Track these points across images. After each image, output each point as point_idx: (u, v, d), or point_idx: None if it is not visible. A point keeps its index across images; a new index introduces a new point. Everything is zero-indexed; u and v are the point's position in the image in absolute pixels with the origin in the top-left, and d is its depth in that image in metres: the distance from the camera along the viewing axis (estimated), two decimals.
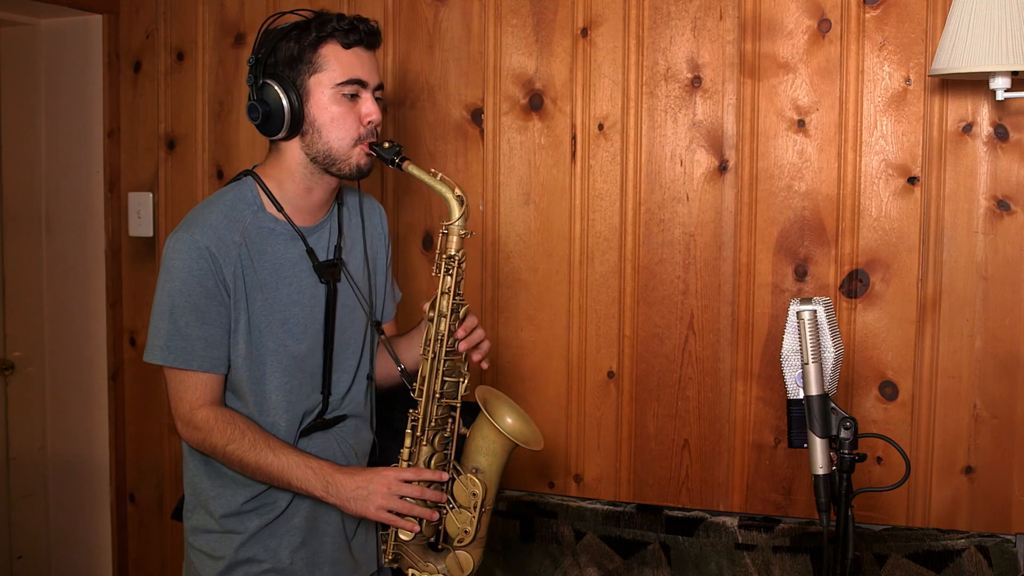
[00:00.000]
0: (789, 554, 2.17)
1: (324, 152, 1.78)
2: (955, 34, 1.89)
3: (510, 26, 2.46)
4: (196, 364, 1.74)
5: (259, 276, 1.77)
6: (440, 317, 1.81)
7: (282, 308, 1.80)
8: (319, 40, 1.75)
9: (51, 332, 3.00)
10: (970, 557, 2.06)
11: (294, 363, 1.82)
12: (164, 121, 2.85)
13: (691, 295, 2.34)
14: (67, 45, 2.91)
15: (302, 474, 1.75)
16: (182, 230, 1.76)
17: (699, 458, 2.36)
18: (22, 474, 3.05)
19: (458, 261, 1.82)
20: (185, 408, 1.76)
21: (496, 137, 2.48)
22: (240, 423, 1.76)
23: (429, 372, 1.82)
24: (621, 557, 2.30)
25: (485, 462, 1.82)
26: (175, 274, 1.73)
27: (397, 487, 1.76)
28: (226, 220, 1.76)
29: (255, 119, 1.77)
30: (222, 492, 1.82)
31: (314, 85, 1.76)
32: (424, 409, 1.82)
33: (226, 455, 1.76)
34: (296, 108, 1.76)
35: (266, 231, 1.80)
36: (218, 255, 1.72)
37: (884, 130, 2.19)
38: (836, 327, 1.59)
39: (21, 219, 3.02)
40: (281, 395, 1.81)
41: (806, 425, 1.57)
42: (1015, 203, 2.12)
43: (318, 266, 1.84)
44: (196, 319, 1.72)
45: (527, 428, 1.87)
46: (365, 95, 1.79)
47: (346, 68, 1.76)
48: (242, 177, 1.85)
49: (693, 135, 2.33)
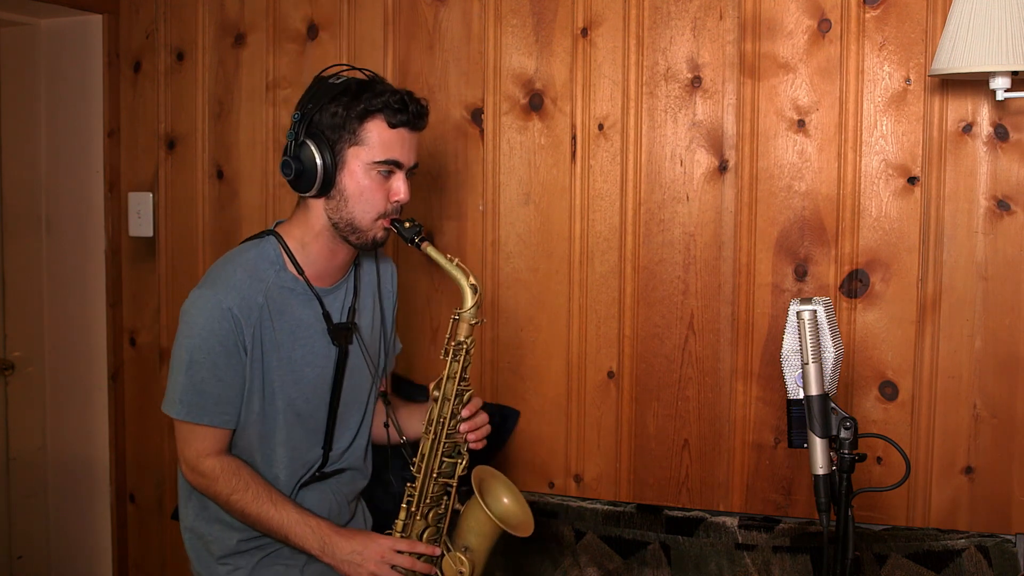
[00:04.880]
0: (789, 554, 2.17)
1: (347, 220, 1.80)
2: (955, 34, 1.89)
3: (510, 26, 2.46)
4: (208, 419, 1.77)
5: (277, 336, 1.80)
6: (444, 400, 1.85)
7: (296, 368, 1.83)
8: (366, 113, 1.75)
9: (51, 332, 3.00)
10: (970, 557, 2.06)
11: (299, 420, 1.86)
12: (164, 121, 2.85)
13: (691, 295, 2.34)
14: (67, 45, 2.91)
15: (301, 531, 1.80)
16: (206, 287, 1.78)
17: (699, 458, 2.36)
18: (22, 474, 3.05)
19: (467, 348, 1.84)
20: (192, 454, 1.80)
21: (496, 137, 2.48)
22: (245, 475, 1.80)
23: (429, 451, 1.86)
24: (621, 557, 2.30)
25: (476, 542, 1.88)
26: (196, 331, 1.75)
27: (390, 556, 1.81)
28: (250, 280, 1.78)
29: (287, 175, 1.78)
30: (219, 535, 1.87)
31: (351, 156, 1.76)
32: (421, 485, 1.87)
33: (229, 504, 1.80)
34: (329, 173, 1.76)
35: (286, 291, 1.82)
36: (241, 317, 1.74)
37: (884, 130, 2.19)
38: (836, 327, 1.59)
39: (21, 219, 3.02)
40: (286, 450, 1.85)
41: (806, 425, 1.57)
42: (1015, 203, 2.12)
43: (332, 329, 1.87)
44: (213, 376, 1.75)
45: (519, 511, 1.93)
46: (398, 174, 1.80)
47: (386, 148, 1.77)
48: (265, 235, 1.86)
49: (693, 135, 2.33)
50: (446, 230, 2.54)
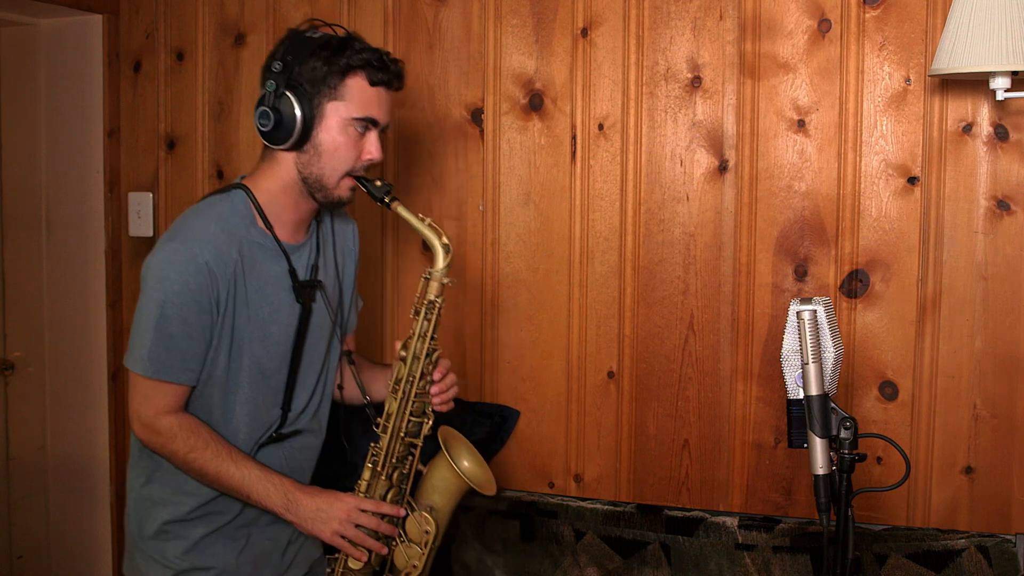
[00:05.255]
0: (789, 554, 2.17)
1: (316, 176, 1.78)
2: (955, 34, 1.89)
3: (510, 26, 2.46)
4: (173, 377, 1.73)
5: (247, 293, 1.77)
6: (414, 359, 1.84)
7: (264, 326, 1.80)
8: (348, 68, 1.75)
9: (51, 332, 3.00)
10: (970, 557, 2.06)
11: (262, 379, 1.82)
12: (164, 121, 2.85)
13: (691, 295, 2.34)
14: (67, 45, 2.90)
15: (263, 488, 1.76)
16: (177, 241, 1.73)
17: (699, 458, 2.36)
18: (22, 474, 3.04)
19: (437, 307, 1.84)
20: (149, 412, 1.75)
21: (496, 137, 2.48)
22: (203, 432, 1.76)
23: (396, 410, 1.85)
24: (621, 557, 2.30)
25: (440, 501, 1.87)
26: (168, 285, 1.70)
27: (355, 515, 1.79)
28: (225, 235, 1.75)
29: (265, 126, 1.76)
30: (170, 499, 1.82)
31: (331, 111, 1.75)
32: (387, 445, 1.85)
33: (187, 462, 1.75)
34: (308, 126, 1.75)
35: (256, 246, 1.80)
36: (217, 272, 1.71)
37: (884, 130, 2.19)
38: (836, 327, 1.59)
39: (21, 219, 3.02)
40: (247, 409, 1.82)
41: (806, 425, 1.57)
42: (1015, 203, 2.12)
43: (298, 286, 1.84)
44: (183, 333, 1.71)
45: (482, 472, 1.93)
46: (373, 132, 1.80)
47: (365, 104, 1.77)
48: (232, 189, 1.83)
49: (693, 135, 2.33)
50: (446, 230, 2.52)
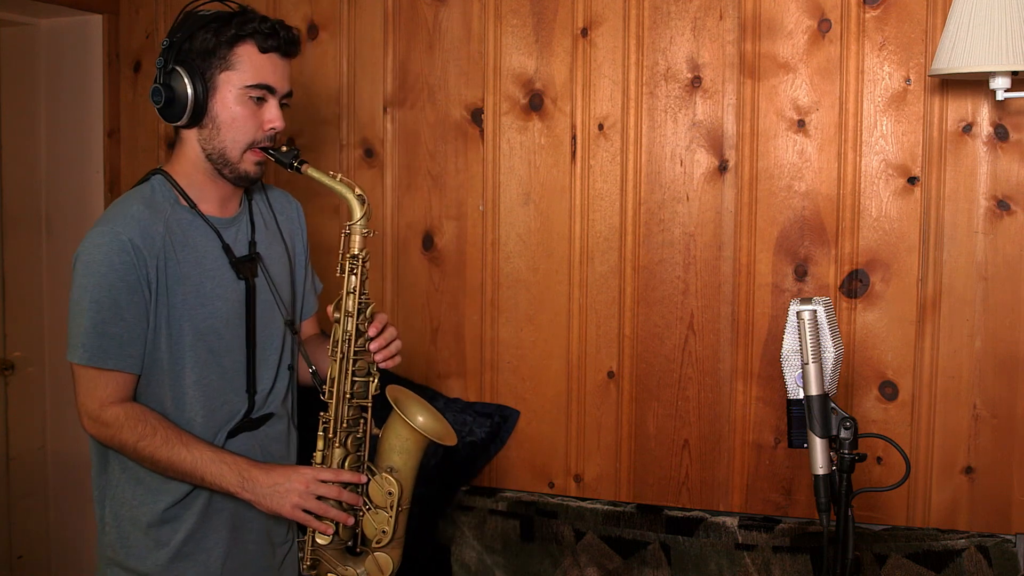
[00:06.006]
0: (789, 554, 2.17)
1: (218, 151, 1.77)
2: (955, 34, 1.89)
3: (510, 26, 2.46)
4: (112, 363, 1.70)
5: (182, 268, 1.74)
6: (347, 316, 1.80)
7: (205, 302, 1.77)
8: (237, 38, 1.73)
9: (51, 332, 2.99)
10: (970, 557, 2.06)
11: (212, 358, 1.78)
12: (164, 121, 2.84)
13: (691, 295, 2.34)
14: (67, 45, 2.90)
15: (216, 469, 1.71)
16: (100, 225, 1.72)
17: (699, 458, 2.36)
18: (22, 474, 3.04)
19: (362, 260, 1.80)
20: (94, 404, 1.72)
21: (496, 137, 2.48)
22: (151, 419, 1.72)
23: (339, 373, 1.80)
24: (621, 557, 2.30)
25: (400, 460, 1.81)
26: (95, 268, 1.69)
27: (315, 486, 1.73)
28: (148, 211, 1.73)
29: (157, 102, 1.76)
30: (144, 499, 1.77)
31: (223, 82, 1.74)
32: (335, 410, 1.80)
33: (137, 452, 1.71)
34: (200, 100, 1.74)
35: (185, 222, 1.77)
36: (143, 247, 1.69)
37: (884, 130, 2.19)
38: (836, 327, 1.59)
39: (21, 219, 3.01)
40: (198, 391, 1.77)
41: (806, 425, 1.57)
42: (1015, 203, 2.12)
43: (235, 262, 1.81)
44: (115, 317, 1.68)
45: (439, 424, 1.86)
46: (271, 101, 1.77)
47: (258, 71, 1.75)
48: (150, 176, 1.82)
49: (693, 135, 2.33)
50: (446, 230, 2.54)
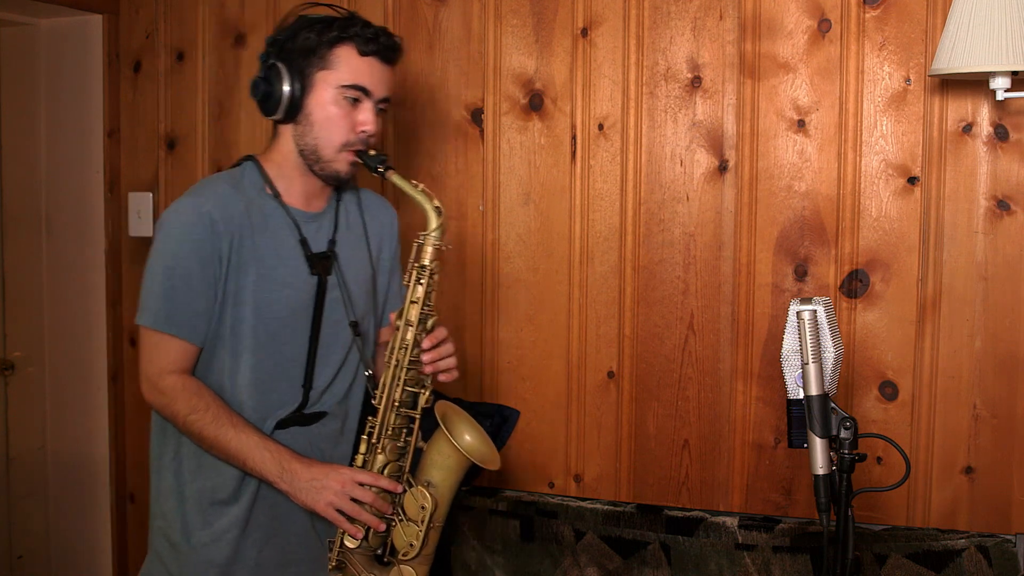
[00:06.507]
0: (789, 554, 2.17)
1: (311, 148, 1.80)
2: (955, 34, 1.89)
3: (510, 26, 2.46)
4: (176, 330, 1.74)
5: (258, 250, 1.77)
6: (407, 326, 1.80)
7: (275, 287, 1.79)
8: (337, 39, 1.77)
9: (51, 332, 3.00)
10: (970, 557, 2.06)
11: (272, 345, 1.80)
12: (164, 121, 2.85)
13: (691, 295, 2.34)
14: (67, 45, 2.91)
15: (259, 456, 1.74)
16: (186, 196, 1.77)
17: (699, 458, 2.36)
18: (22, 474, 3.04)
19: (430, 272, 1.82)
20: (155, 371, 1.76)
21: (496, 137, 2.48)
22: (206, 395, 1.75)
23: (391, 380, 1.81)
24: (621, 557, 2.30)
25: (439, 476, 1.80)
26: (173, 236, 1.73)
27: (351, 487, 1.74)
28: (233, 191, 1.78)
29: (255, 95, 1.80)
30: (197, 476, 1.80)
31: (319, 80, 1.78)
32: (382, 416, 1.81)
33: (187, 425, 1.74)
34: (296, 96, 1.78)
35: (268, 209, 1.81)
36: (220, 222, 1.72)
37: (884, 130, 2.19)
38: (836, 327, 1.59)
39: (21, 219, 3.02)
40: (253, 374, 1.79)
41: (806, 425, 1.57)
42: (1015, 203, 2.12)
43: (310, 256, 1.84)
44: (185, 285, 1.72)
45: (485, 447, 1.86)
46: (366, 103, 1.80)
47: (354, 73, 1.78)
48: (243, 161, 1.87)
49: (693, 135, 2.33)
50: (446, 230, 2.53)
